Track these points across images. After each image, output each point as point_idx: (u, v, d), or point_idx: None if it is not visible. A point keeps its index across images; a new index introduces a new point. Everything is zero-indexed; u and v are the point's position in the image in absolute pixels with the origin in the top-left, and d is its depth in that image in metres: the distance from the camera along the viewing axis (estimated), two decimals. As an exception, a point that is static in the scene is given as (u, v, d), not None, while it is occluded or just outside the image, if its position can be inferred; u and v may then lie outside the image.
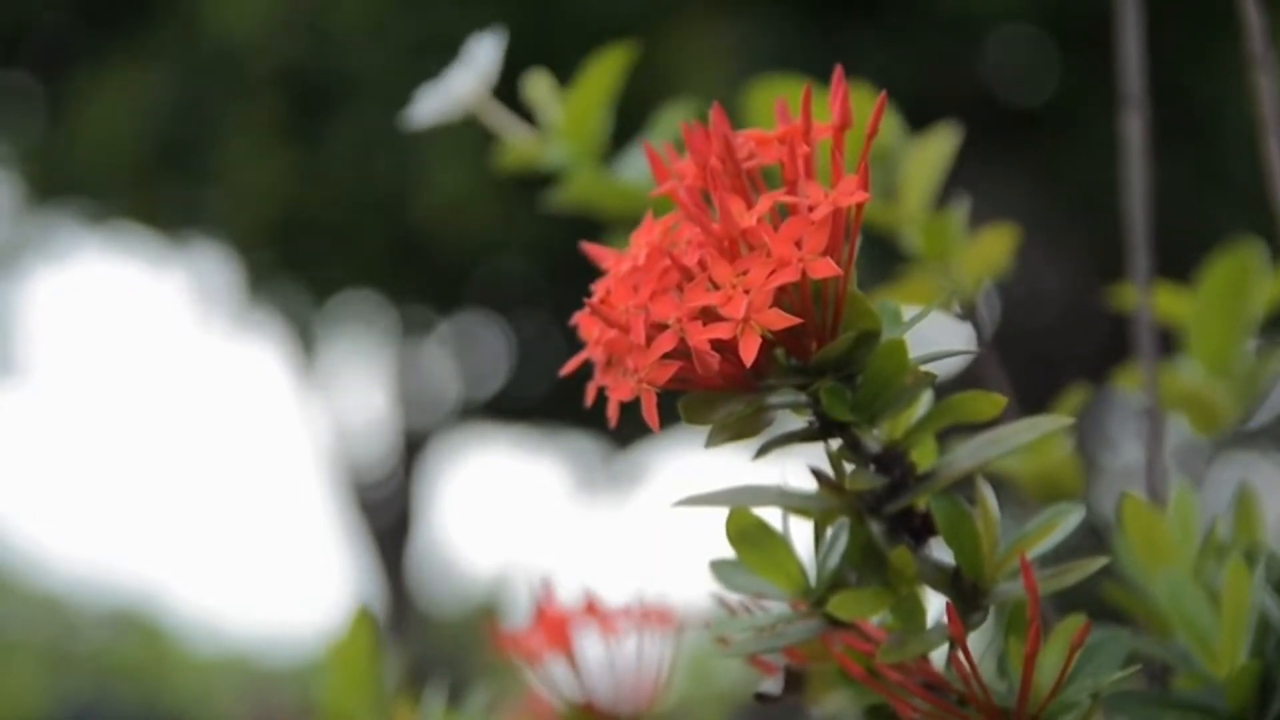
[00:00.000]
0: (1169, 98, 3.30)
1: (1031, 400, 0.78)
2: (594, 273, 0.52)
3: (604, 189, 0.78)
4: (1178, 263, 0.85)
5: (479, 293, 4.35)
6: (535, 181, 0.81)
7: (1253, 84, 0.71)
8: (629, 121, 0.80)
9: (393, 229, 3.73)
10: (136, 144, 3.71)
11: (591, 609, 0.73)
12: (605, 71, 0.78)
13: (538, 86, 0.79)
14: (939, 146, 0.77)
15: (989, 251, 0.78)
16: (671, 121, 0.78)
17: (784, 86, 0.75)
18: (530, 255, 3.69)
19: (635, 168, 0.78)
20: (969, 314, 0.74)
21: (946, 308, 0.51)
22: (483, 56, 0.76)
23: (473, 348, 4.80)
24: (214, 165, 3.68)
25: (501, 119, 0.78)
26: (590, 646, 0.73)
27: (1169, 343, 0.79)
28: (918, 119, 0.79)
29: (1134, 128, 0.77)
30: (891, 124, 0.76)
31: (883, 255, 0.50)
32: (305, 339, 4.82)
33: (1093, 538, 0.67)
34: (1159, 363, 0.76)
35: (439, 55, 0.78)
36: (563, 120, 0.78)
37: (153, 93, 3.66)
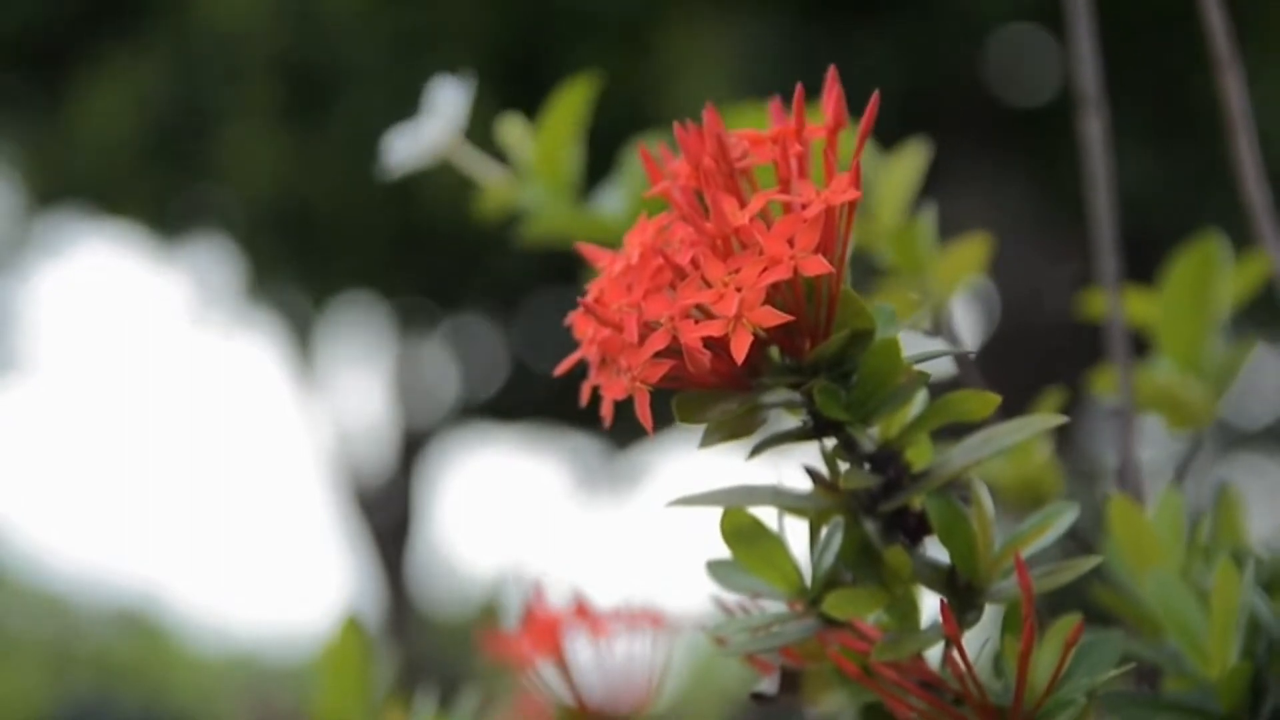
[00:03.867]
0: (1176, 97, 3.30)
1: (1030, 400, 0.78)
2: (591, 271, 0.52)
3: (579, 224, 0.77)
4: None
5: (479, 291, 4.35)
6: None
7: (1221, 85, 0.71)
8: (628, 124, 0.80)
9: (391, 223, 3.73)
10: (135, 138, 3.71)
11: (582, 611, 0.73)
12: (571, 105, 0.77)
13: (511, 130, 0.79)
14: (910, 164, 0.77)
15: (962, 261, 0.78)
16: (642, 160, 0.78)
17: (747, 117, 0.75)
18: (532, 252, 3.69)
19: (611, 203, 0.78)
20: (943, 328, 0.74)
21: (920, 323, 0.52)
22: (450, 102, 0.76)
23: (473, 347, 4.80)
24: (212, 156, 3.68)
25: (474, 161, 0.78)
26: (583, 648, 0.73)
27: (1147, 344, 0.79)
28: (918, 118, 0.78)
29: (1093, 126, 0.77)
30: (867, 146, 0.75)
31: (858, 269, 0.51)
32: (305, 338, 4.82)
33: (1075, 541, 0.67)
34: (1134, 364, 0.76)
35: (434, 46, 0.78)
36: (533, 158, 0.78)
37: (150, 86, 3.66)
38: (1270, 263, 0.73)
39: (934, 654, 0.54)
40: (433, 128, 0.76)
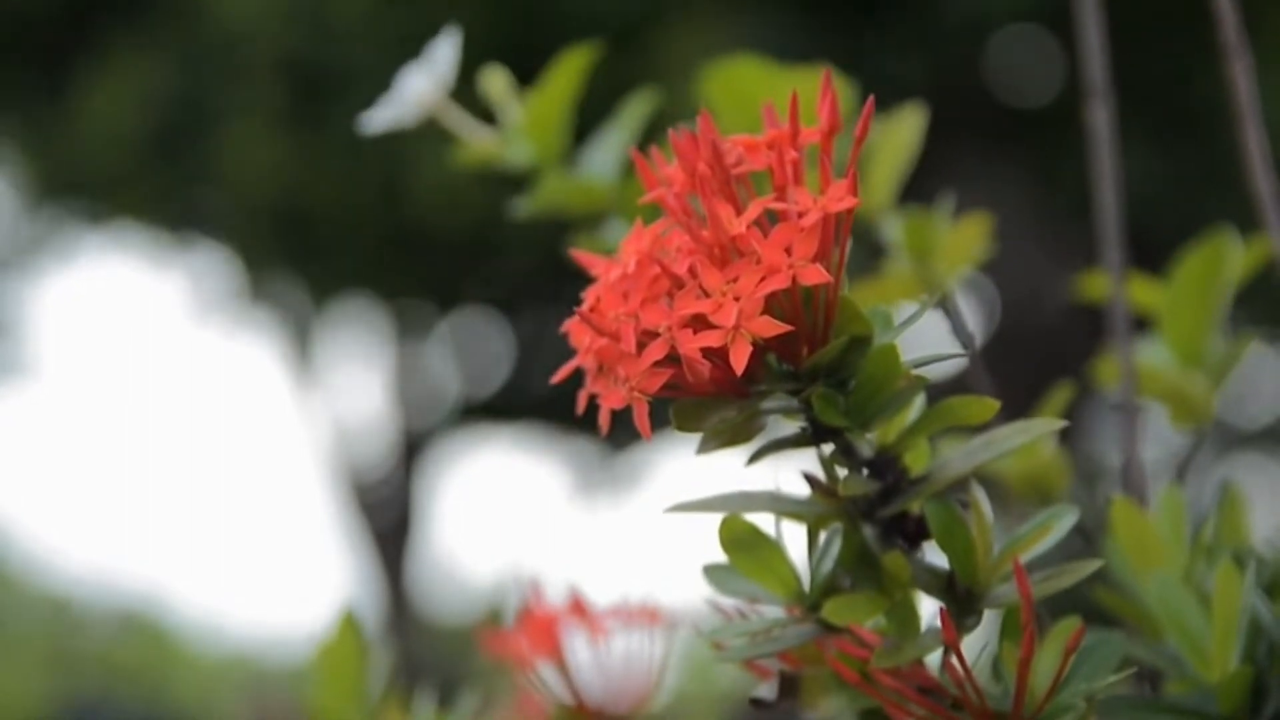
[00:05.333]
0: (1177, 98, 3.29)
1: (1031, 400, 0.78)
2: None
3: (568, 189, 0.77)
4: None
5: (479, 290, 4.35)
6: (527, 173, 0.80)
7: (1229, 74, 0.71)
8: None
9: (390, 223, 3.73)
10: (138, 135, 3.71)
11: (579, 610, 0.73)
12: (568, 74, 0.77)
13: (495, 83, 0.78)
14: (907, 127, 0.77)
15: (966, 242, 0.77)
16: (636, 114, 0.77)
17: (741, 71, 0.75)
18: (530, 251, 3.69)
19: (598, 163, 0.78)
20: (950, 311, 0.74)
21: (930, 306, 0.51)
22: (439, 58, 0.75)
23: (472, 347, 4.80)
24: (213, 155, 3.68)
25: (460, 120, 0.77)
26: (581, 647, 0.73)
27: (1145, 327, 0.79)
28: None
29: (1100, 118, 0.77)
30: (854, 106, 0.74)
31: (854, 244, 0.50)
32: (305, 338, 4.82)
33: (1082, 538, 0.67)
34: (1136, 352, 0.75)
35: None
36: (525, 122, 0.77)
37: (154, 84, 3.66)
38: (1274, 251, 0.73)
39: (933, 659, 0.54)
40: (420, 83, 0.75)
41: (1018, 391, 0.65)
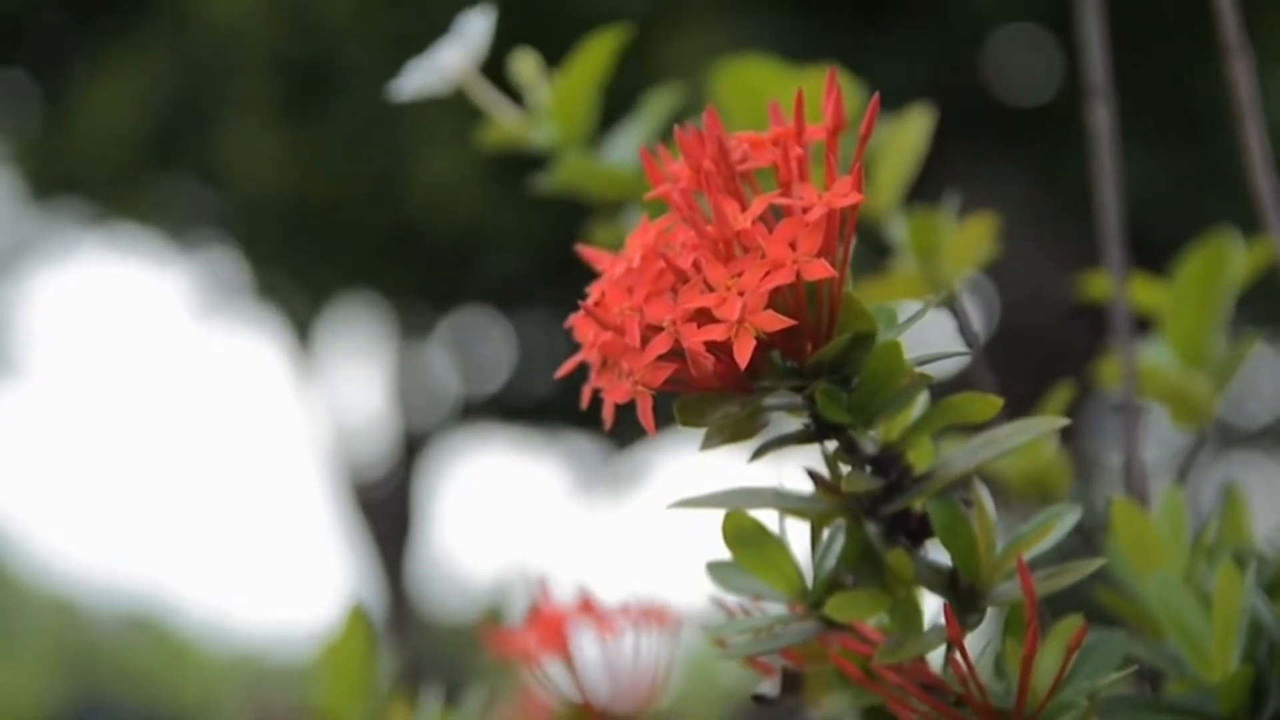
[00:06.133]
0: (1177, 99, 3.29)
1: (1032, 400, 0.78)
2: (592, 268, 0.52)
3: (591, 173, 0.77)
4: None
5: (479, 290, 4.34)
6: (524, 169, 0.80)
7: (1229, 73, 0.71)
8: (623, 112, 0.80)
9: (389, 221, 3.73)
10: (137, 135, 3.71)
11: (587, 608, 0.73)
12: (596, 56, 0.77)
13: (524, 66, 0.78)
14: (914, 128, 0.77)
15: (971, 242, 0.77)
16: (660, 106, 0.78)
17: (751, 70, 0.75)
18: (528, 250, 3.69)
19: (622, 151, 0.78)
20: (956, 310, 0.74)
21: (935, 305, 0.51)
22: (473, 32, 0.76)
23: (473, 346, 4.80)
24: (211, 154, 3.68)
25: (489, 97, 0.77)
26: (587, 646, 0.73)
27: (1147, 328, 0.79)
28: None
29: (1101, 118, 0.77)
30: (858, 105, 0.74)
31: (860, 245, 0.51)
32: (305, 338, 4.82)
33: (1082, 538, 0.67)
34: (1137, 352, 0.75)
35: (430, 47, 0.77)
36: (551, 102, 0.77)
37: (150, 83, 3.66)
38: (1275, 251, 0.73)
39: (936, 656, 0.54)
40: (452, 55, 0.76)
41: (1018, 391, 0.65)
